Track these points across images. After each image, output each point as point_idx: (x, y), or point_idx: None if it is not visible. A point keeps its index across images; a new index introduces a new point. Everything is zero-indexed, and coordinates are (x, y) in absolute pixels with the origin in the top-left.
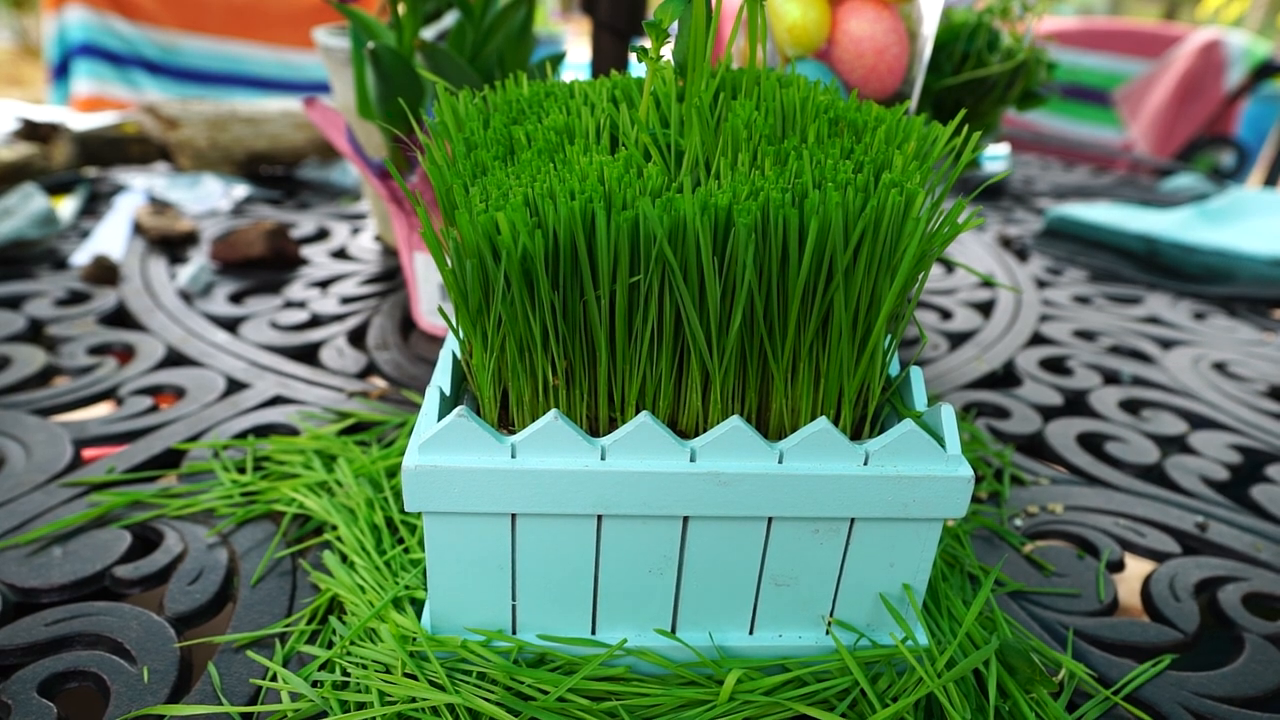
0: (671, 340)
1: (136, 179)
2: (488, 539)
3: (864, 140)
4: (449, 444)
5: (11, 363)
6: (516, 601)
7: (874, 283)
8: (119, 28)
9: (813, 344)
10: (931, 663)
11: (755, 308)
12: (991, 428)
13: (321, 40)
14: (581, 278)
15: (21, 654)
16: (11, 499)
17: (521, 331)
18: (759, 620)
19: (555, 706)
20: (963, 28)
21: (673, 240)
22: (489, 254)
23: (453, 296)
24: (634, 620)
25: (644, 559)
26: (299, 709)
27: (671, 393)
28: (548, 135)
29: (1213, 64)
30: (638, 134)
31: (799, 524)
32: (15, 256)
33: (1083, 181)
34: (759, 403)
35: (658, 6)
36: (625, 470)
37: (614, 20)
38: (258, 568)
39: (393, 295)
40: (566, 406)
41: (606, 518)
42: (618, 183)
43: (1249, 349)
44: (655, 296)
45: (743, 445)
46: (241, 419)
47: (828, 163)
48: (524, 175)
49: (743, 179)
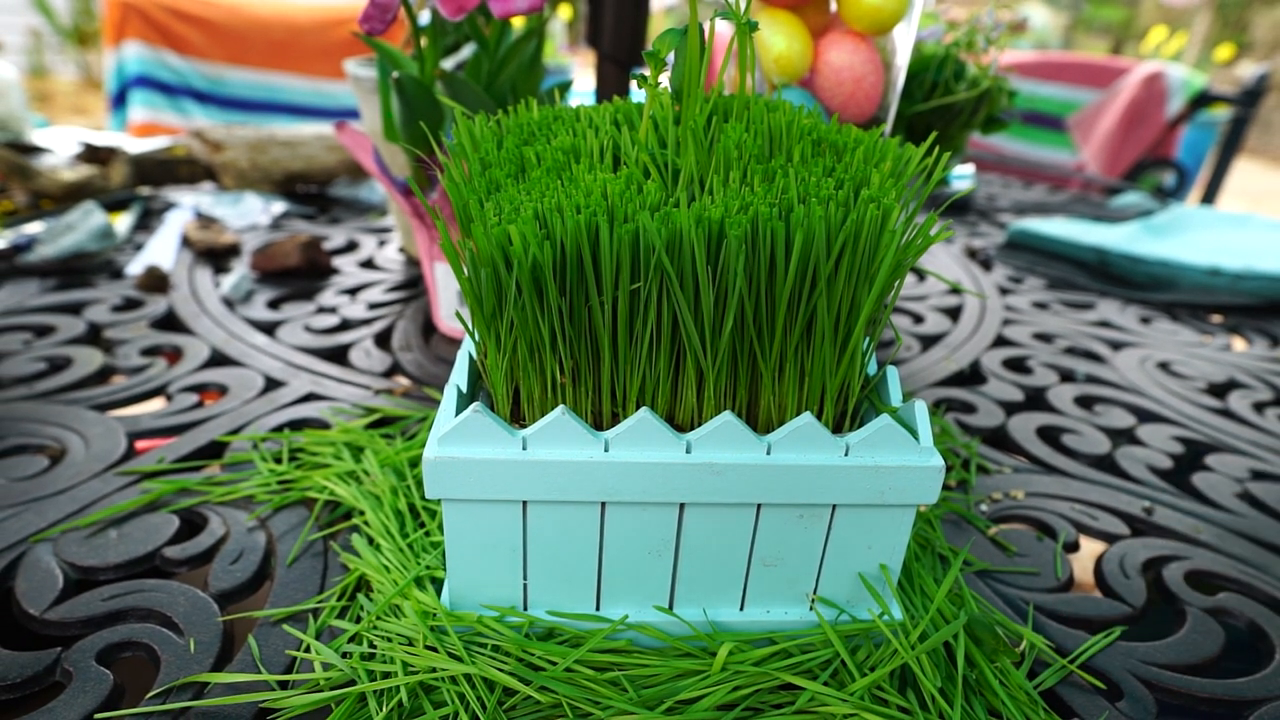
0: (669, 342)
1: (185, 197)
2: (501, 524)
3: (844, 160)
4: (466, 437)
5: (73, 363)
6: (527, 580)
7: (854, 290)
8: (171, 61)
9: (798, 346)
10: (905, 636)
11: (746, 312)
12: (960, 421)
13: (351, 71)
14: (586, 285)
15: (81, 626)
16: (72, 486)
17: (532, 334)
18: (749, 597)
19: (564, 676)
20: (932, 59)
21: (670, 251)
22: (502, 263)
23: (469, 302)
24: (635, 598)
25: (644, 542)
26: (330, 678)
27: (669, 390)
28: (556, 155)
29: (1155, 94)
30: (638, 153)
31: (785, 510)
32: (76, 267)
33: (1040, 199)
34: (749, 399)
35: (656, 38)
36: (627, 461)
37: (616, 52)
38: (293, 549)
39: (415, 301)
40: (573, 403)
41: (609, 504)
42: (619, 198)
43: (1190, 350)
44: (654, 302)
45: (734, 438)
46: (278, 414)
47: (811, 180)
48: (534, 191)
49: (734, 195)
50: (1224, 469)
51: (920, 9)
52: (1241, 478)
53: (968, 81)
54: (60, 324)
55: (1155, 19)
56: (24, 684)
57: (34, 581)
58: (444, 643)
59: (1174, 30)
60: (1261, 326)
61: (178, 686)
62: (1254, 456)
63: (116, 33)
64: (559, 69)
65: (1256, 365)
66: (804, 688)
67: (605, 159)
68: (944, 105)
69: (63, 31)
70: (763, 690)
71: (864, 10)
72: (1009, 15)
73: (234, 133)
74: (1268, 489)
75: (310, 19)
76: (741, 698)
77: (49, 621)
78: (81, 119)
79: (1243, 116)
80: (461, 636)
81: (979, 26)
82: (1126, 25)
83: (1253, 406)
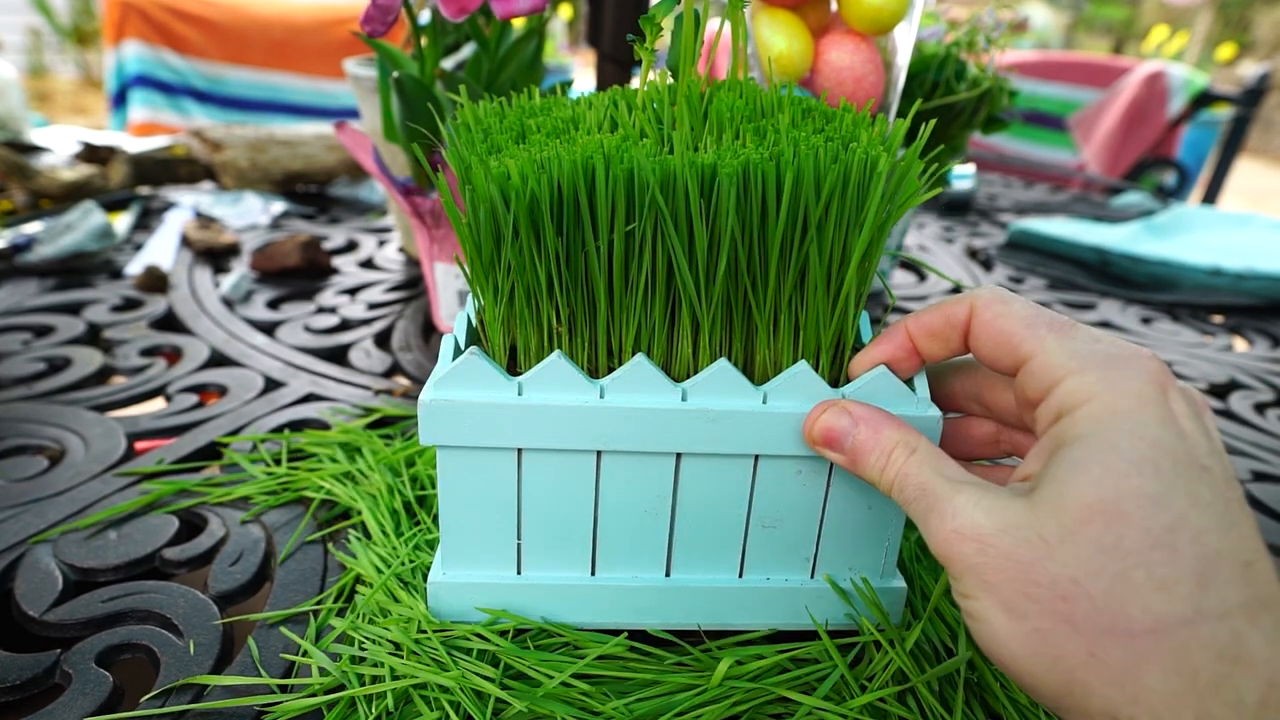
0: (664, 290)
1: (184, 196)
2: (495, 475)
3: (833, 123)
4: (462, 381)
5: (72, 363)
6: (521, 540)
7: (844, 237)
8: (171, 61)
9: (791, 297)
10: (901, 643)
11: (739, 258)
12: None
13: (351, 70)
14: (583, 226)
15: (80, 628)
16: (71, 487)
17: (529, 278)
18: (747, 563)
19: (556, 691)
20: (933, 59)
21: (664, 190)
22: (500, 202)
23: (467, 250)
24: (631, 562)
25: (640, 498)
26: (324, 682)
27: (664, 342)
28: (555, 124)
29: (1157, 93)
30: (635, 118)
31: (783, 463)
32: (76, 267)
33: (1041, 198)
34: (744, 354)
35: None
36: (622, 406)
37: (616, 51)
38: (291, 549)
39: (415, 301)
40: (569, 354)
41: (605, 454)
42: (616, 149)
43: (1191, 350)
44: (649, 245)
45: (730, 385)
46: (278, 414)
47: (801, 135)
48: (534, 150)
49: (727, 148)
50: None
51: (921, 9)
52: (1243, 479)
53: (968, 81)
54: (59, 324)
55: (1156, 18)
56: (23, 686)
57: (33, 583)
58: (428, 650)
59: (1175, 30)
60: (1263, 327)
61: (177, 688)
62: (1255, 458)
63: (116, 32)
64: (559, 69)
65: (1258, 366)
66: (801, 702)
67: (604, 129)
68: (945, 105)
69: (62, 31)
70: (760, 703)
71: (865, 10)
72: (1010, 15)
73: (234, 132)
74: (1268, 490)
75: (310, 19)
76: (740, 713)
77: (48, 623)
78: (81, 118)
79: (1244, 116)
80: (448, 641)
81: (980, 26)
82: (1128, 25)
83: (1254, 407)
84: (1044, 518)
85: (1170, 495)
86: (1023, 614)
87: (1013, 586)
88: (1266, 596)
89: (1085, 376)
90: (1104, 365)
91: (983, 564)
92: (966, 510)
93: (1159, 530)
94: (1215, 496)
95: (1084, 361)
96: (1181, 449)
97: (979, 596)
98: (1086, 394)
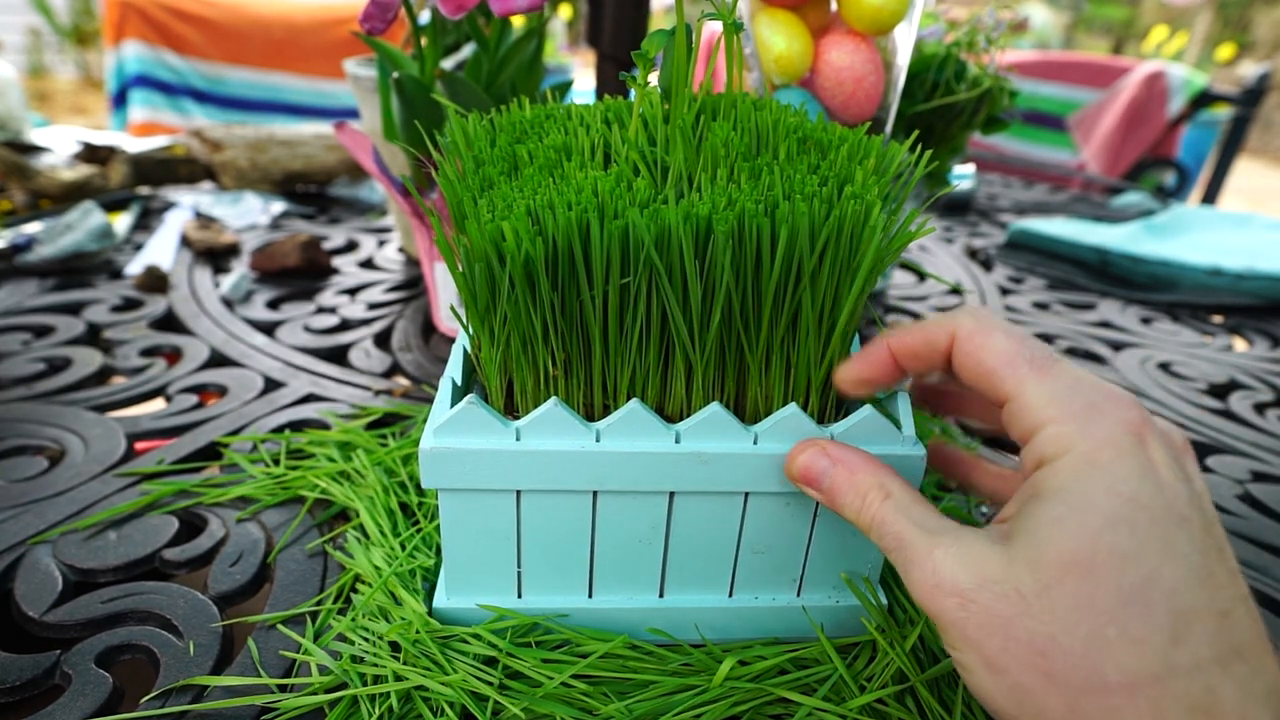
0: (658, 335)
1: (184, 196)
2: (495, 513)
3: (829, 157)
4: (461, 428)
5: (72, 363)
6: (521, 569)
7: (837, 283)
8: (170, 61)
9: (784, 339)
10: (900, 643)
11: (733, 306)
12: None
13: (351, 70)
14: (578, 279)
15: (80, 629)
16: (71, 488)
17: (524, 327)
18: (737, 585)
19: (556, 692)
20: (933, 59)
21: (659, 246)
22: (495, 258)
23: (463, 296)
24: (626, 585)
25: (635, 530)
26: (325, 681)
27: (658, 382)
28: (547, 153)
29: (1156, 93)
30: (628, 151)
31: (773, 498)
32: (75, 267)
33: (1041, 198)
34: (736, 391)
35: (645, 38)
36: (618, 451)
37: (616, 51)
38: (290, 550)
39: (415, 301)
40: (565, 395)
41: (601, 493)
42: (610, 195)
43: (1191, 350)
44: (644, 296)
45: (722, 428)
46: (278, 415)
47: (796, 177)
48: (526, 188)
49: (721, 191)
50: (1224, 470)
51: (921, 9)
52: (1242, 479)
53: (968, 81)
54: (59, 324)
55: (1156, 18)
56: (23, 686)
57: (33, 583)
58: (426, 652)
59: (1175, 30)
60: (1263, 327)
61: (177, 689)
62: (1255, 458)
63: (116, 32)
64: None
65: (1257, 366)
66: (801, 703)
67: (596, 156)
68: (945, 105)
69: (62, 31)
70: (759, 704)
71: (865, 10)
72: (1010, 15)
73: (233, 132)
74: (1268, 490)
75: (310, 19)
76: (740, 714)
77: (48, 624)
78: (81, 118)
79: (1244, 116)
80: (446, 642)
81: (980, 26)
82: (1128, 25)
83: (1254, 407)
84: (1021, 572)
85: (1144, 551)
86: (1003, 669)
87: (993, 642)
88: (1241, 644)
89: (1064, 426)
90: (1083, 414)
91: (964, 619)
92: (946, 565)
93: (1131, 587)
94: (1192, 549)
95: (1062, 409)
96: (1159, 501)
97: (964, 650)
98: (1065, 445)
